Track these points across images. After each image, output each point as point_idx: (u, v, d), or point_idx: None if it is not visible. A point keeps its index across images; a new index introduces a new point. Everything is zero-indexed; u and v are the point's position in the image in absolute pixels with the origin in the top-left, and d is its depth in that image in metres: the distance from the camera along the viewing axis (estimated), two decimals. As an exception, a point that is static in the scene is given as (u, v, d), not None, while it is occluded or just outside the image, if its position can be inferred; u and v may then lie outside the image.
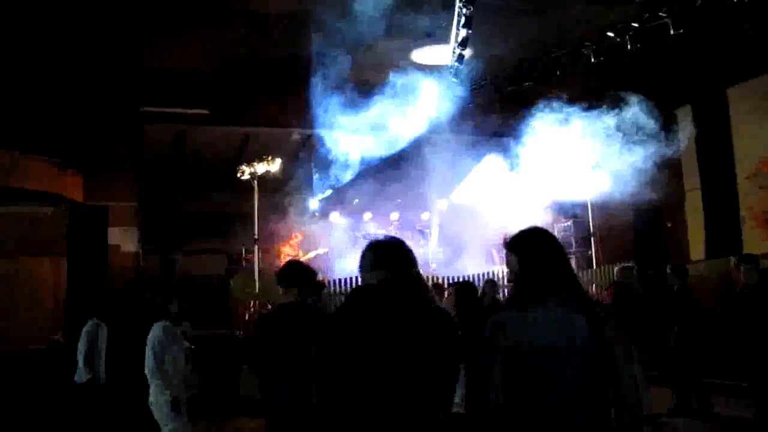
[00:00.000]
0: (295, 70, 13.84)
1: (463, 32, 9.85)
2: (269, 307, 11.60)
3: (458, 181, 15.05)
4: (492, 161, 15.56)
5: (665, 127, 16.17)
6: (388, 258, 2.76)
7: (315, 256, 14.69)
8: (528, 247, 2.96)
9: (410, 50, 13.20)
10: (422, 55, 13.61)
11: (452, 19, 10.65)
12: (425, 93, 13.95)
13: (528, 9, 11.30)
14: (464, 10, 9.16)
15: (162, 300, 6.48)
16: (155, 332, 6.32)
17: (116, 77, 13.38)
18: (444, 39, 11.72)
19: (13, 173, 11.83)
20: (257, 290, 11.76)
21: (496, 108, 15.02)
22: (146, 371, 6.21)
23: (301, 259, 12.83)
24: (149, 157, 14.70)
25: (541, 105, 15.36)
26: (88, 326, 8.05)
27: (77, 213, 10.70)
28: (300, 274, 4.52)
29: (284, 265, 4.70)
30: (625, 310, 8.31)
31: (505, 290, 12.04)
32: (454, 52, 9.99)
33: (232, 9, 11.25)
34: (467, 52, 11.62)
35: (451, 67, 10.51)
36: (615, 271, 9.86)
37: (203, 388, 7.64)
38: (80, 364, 7.88)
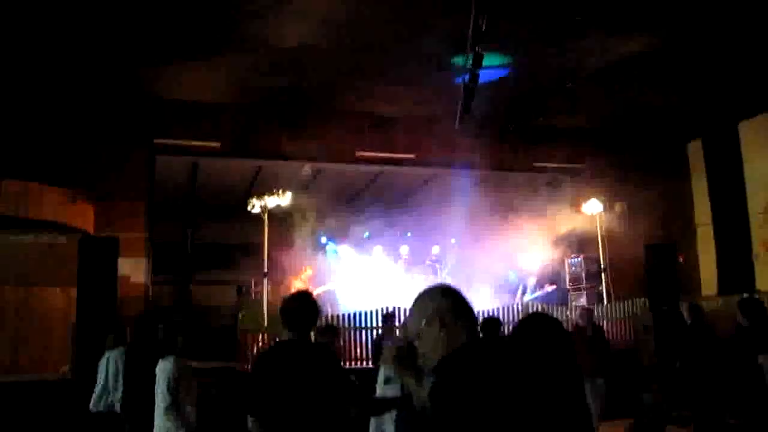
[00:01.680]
0: (306, 102, 13.99)
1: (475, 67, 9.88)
2: (277, 340, 11.57)
3: (468, 216, 15.03)
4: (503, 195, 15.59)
5: (677, 161, 16.22)
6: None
7: (324, 292, 14.68)
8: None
9: (423, 82, 13.24)
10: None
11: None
12: (438, 126, 14.06)
13: (541, 39, 11.35)
14: (477, 48, 9.21)
15: (167, 335, 6.45)
16: (167, 367, 6.28)
17: (129, 108, 13.51)
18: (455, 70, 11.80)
19: (26, 203, 11.92)
20: (265, 324, 11.72)
21: (506, 141, 15.07)
22: (160, 406, 6.18)
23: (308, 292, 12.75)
24: (162, 188, 14.78)
25: (551, 138, 15.47)
26: (105, 360, 8.05)
27: (88, 244, 10.71)
28: (300, 312, 4.07)
29: (286, 301, 4.19)
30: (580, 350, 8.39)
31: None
32: (465, 88, 10.03)
33: (243, 39, 11.34)
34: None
35: (463, 100, 10.55)
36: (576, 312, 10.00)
37: (206, 424, 7.58)
38: (97, 392, 7.87)
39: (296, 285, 14.60)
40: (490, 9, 8.74)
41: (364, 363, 11.50)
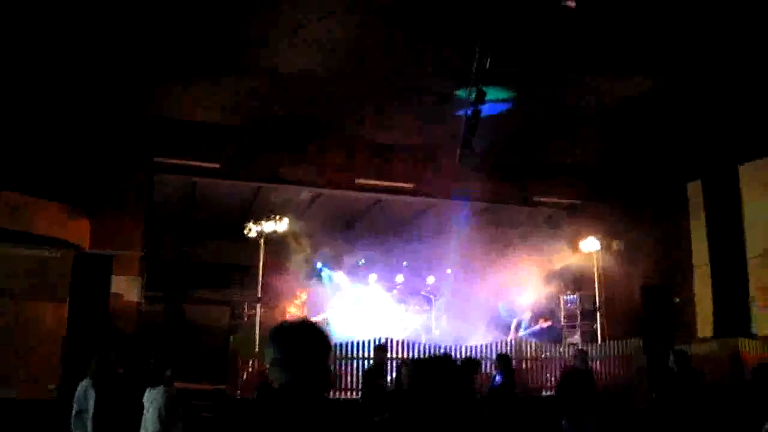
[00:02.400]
0: (308, 127, 14.02)
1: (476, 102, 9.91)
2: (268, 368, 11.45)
3: (465, 248, 15.00)
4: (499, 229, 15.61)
5: (676, 201, 16.21)
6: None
7: (318, 322, 14.58)
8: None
9: (424, 112, 13.27)
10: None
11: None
12: (437, 156, 14.09)
13: (543, 79, 11.41)
14: (480, 86, 9.25)
15: (157, 365, 6.46)
16: (157, 397, 6.36)
17: (129, 126, 13.49)
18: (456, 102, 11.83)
19: (22, 216, 11.85)
20: (257, 349, 11.63)
21: (505, 175, 15.10)
22: None
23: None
24: (160, 205, 14.76)
25: (550, 175, 15.50)
26: (80, 387, 7.91)
27: (82, 261, 10.68)
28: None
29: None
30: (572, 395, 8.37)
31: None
32: (466, 123, 10.05)
33: (247, 64, 11.39)
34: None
35: (464, 135, 10.57)
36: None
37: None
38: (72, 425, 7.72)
39: (291, 311, 14.54)
40: (495, 48, 8.77)
41: (354, 394, 11.42)
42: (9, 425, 9.04)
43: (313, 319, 14.27)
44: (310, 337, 2.58)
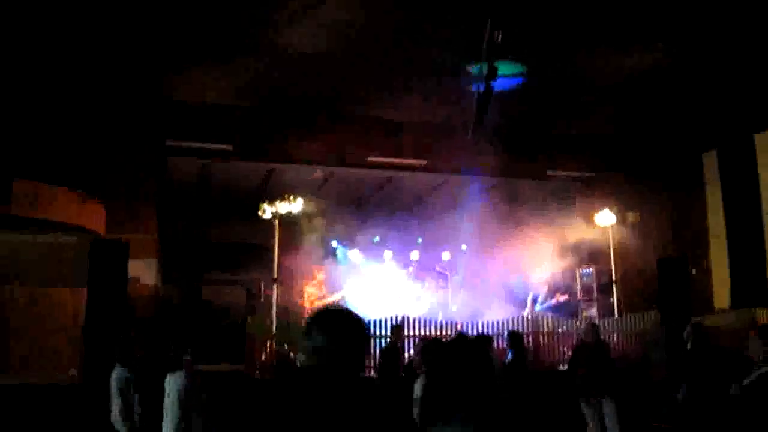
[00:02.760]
0: (318, 107, 13.97)
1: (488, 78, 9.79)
2: (285, 347, 11.57)
3: (479, 223, 14.95)
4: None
5: (691, 172, 16.07)
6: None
7: (336, 301, 14.66)
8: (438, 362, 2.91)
9: (435, 89, 13.15)
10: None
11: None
12: (449, 133, 14.00)
13: (556, 52, 11.28)
14: (491, 61, 9.14)
15: (176, 350, 6.50)
16: (177, 382, 6.41)
17: (141, 110, 13.52)
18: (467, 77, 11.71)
19: (37, 203, 11.91)
20: (273, 331, 11.70)
21: (518, 149, 15.00)
22: (170, 419, 6.30)
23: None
24: (174, 188, 14.80)
25: (563, 148, 15.37)
26: (117, 375, 7.95)
27: (98, 247, 10.71)
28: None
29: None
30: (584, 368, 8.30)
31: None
32: (479, 99, 9.94)
33: (257, 45, 11.33)
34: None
35: (477, 111, 10.46)
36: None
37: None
38: (116, 415, 7.77)
39: (308, 290, 14.60)
40: (506, 23, 8.65)
41: (371, 372, 11.47)
42: (29, 410, 9.13)
43: (330, 298, 14.36)
44: (352, 326, 2.56)
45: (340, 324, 2.55)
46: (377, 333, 12.05)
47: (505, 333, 11.29)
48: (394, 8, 10.13)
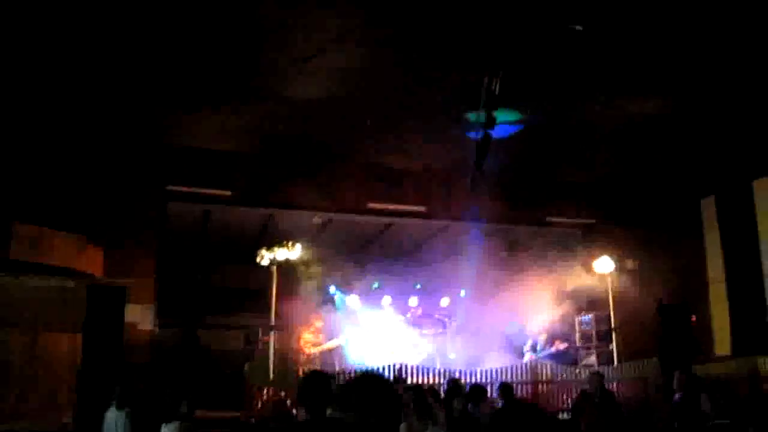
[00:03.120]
0: (318, 153, 14.05)
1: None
2: (282, 394, 11.48)
3: (478, 270, 14.94)
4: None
5: (690, 218, 16.11)
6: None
7: (333, 347, 14.60)
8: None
9: (434, 135, 13.26)
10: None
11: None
12: (448, 179, 14.08)
13: (552, 101, 11.40)
14: (490, 111, 9.24)
15: (172, 399, 6.44)
16: None
17: (142, 155, 13.57)
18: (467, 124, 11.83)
19: (37, 247, 11.92)
20: (271, 377, 11.63)
21: (518, 195, 15.06)
22: None
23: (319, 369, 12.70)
24: (173, 232, 14.80)
25: (562, 195, 15.43)
26: (111, 416, 7.91)
27: (96, 292, 10.71)
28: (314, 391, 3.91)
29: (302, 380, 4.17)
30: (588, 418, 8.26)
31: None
32: (478, 147, 10.01)
33: (257, 91, 11.43)
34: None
35: (476, 160, 10.54)
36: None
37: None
38: None
39: (305, 337, 14.52)
40: (504, 73, 8.77)
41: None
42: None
43: (328, 344, 14.29)
44: (386, 394, 2.96)
45: (373, 391, 2.93)
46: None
47: (509, 381, 11.25)
48: (395, 56, 10.25)
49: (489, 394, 9.71)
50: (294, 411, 9.69)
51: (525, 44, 8.87)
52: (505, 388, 9.35)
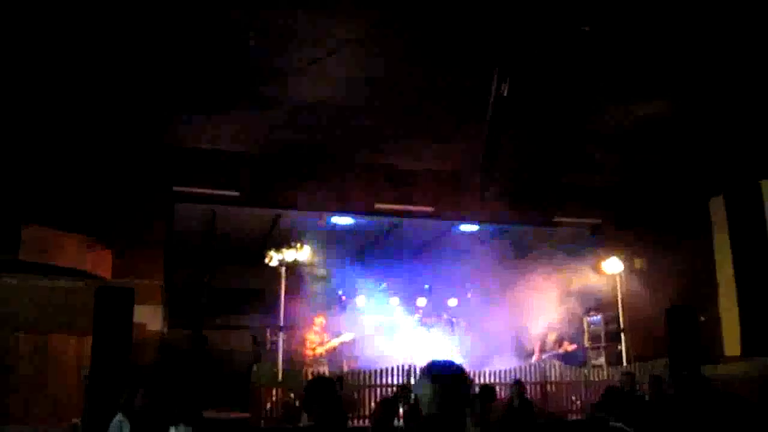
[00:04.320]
0: (326, 155, 14.05)
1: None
2: (291, 395, 11.50)
3: (486, 270, 14.92)
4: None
5: (698, 218, 16.03)
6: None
7: (341, 343, 14.57)
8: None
9: (442, 137, 13.24)
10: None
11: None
12: (456, 180, 14.06)
13: (561, 103, 11.38)
14: (499, 113, 9.24)
15: (180, 402, 6.45)
16: None
17: (150, 157, 13.60)
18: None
19: (45, 249, 11.96)
20: (279, 378, 11.64)
21: (526, 196, 15.01)
22: None
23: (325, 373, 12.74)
24: (180, 233, 14.82)
25: (571, 196, 15.38)
26: (116, 422, 7.90)
27: (104, 293, 10.69)
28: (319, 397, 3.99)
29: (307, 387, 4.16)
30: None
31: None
32: (487, 150, 10.02)
33: (265, 95, 11.44)
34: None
35: (482, 162, 10.54)
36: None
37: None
38: None
39: (310, 337, 14.51)
40: (513, 75, 8.76)
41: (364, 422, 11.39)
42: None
43: (340, 339, 14.30)
44: (460, 378, 2.90)
45: (450, 375, 2.88)
46: (381, 382, 11.97)
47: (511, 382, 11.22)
48: (403, 58, 10.25)
49: (498, 395, 9.72)
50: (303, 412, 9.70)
51: (534, 47, 8.85)
52: (518, 385, 9.29)
